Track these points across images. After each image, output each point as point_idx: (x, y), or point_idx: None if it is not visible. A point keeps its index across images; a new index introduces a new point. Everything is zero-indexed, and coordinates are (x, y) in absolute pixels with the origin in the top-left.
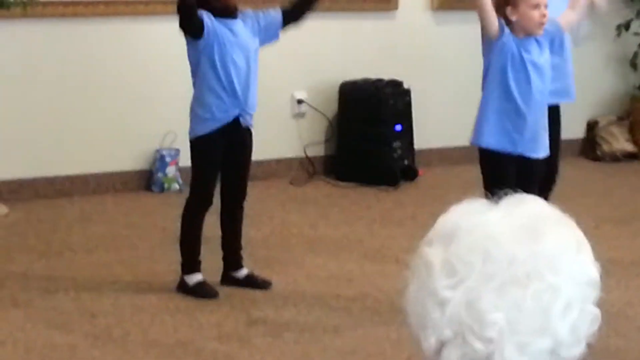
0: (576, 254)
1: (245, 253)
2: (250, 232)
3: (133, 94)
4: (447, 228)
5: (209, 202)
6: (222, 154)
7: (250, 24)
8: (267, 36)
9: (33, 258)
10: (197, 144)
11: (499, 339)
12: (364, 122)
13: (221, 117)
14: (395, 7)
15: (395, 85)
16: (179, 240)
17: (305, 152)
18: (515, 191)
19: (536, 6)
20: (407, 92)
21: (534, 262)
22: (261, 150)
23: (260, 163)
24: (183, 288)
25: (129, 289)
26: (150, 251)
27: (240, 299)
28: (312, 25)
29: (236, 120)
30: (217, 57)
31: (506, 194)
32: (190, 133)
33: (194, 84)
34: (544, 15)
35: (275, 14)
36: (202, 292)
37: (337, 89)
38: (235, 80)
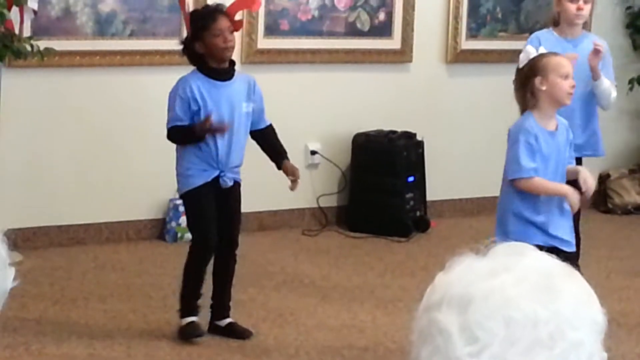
0: (589, 304)
1: (257, 302)
2: (262, 281)
3: (148, 144)
4: (457, 293)
5: (211, 251)
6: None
7: (246, 89)
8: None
9: (47, 305)
10: (188, 198)
11: None
12: (377, 173)
13: (202, 175)
14: (410, 60)
15: (409, 137)
16: (180, 288)
17: (318, 203)
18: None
19: (566, 77)
20: (420, 144)
21: (556, 321)
22: (274, 200)
23: (273, 213)
24: (179, 332)
25: (141, 338)
26: (163, 300)
27: (252, 349)
28: (327, 77)
29: (216, 180)
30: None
31: (492, 244)
32: (179, 190)
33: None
34: (573, 86)
35: (260, 115)
36: (189, 331)
37: (350, 140)
38: (213, 144)
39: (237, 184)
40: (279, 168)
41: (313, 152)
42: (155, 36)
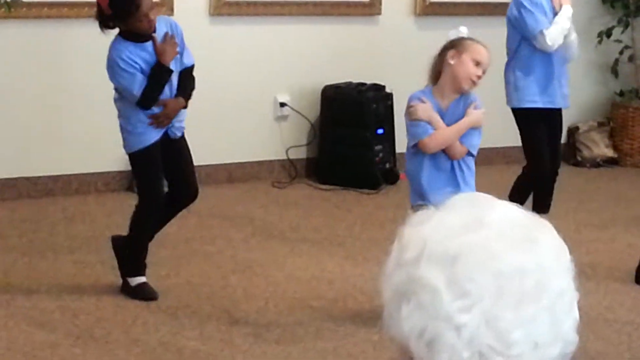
0: (564, 251)
1: (225, 255)
2: (230, 233)
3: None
4: (437, 249)
5: (159, 207)
6: (162, 157)
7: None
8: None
9: (15, 257)
10: (140, 156)
11: (522, 355)
12: (346, 125)
13: (153, 132)
14: (379, 12)
15: (378, 89)
16: (125, 243)
17: (287, 155)
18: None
19: (478, 64)
20: (389, 96)
21: (540, 271)
22: (243, 152)
23: (242, 165)
24: (126, 290)
25: (110, 289)
26: None
27: (221, 300)
28: (296, 29)
29: (165, 133)
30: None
31: (444, 198)
32: (125, 147)
33: (117, 98)
34: (479, 77)
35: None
36: (143, 293)
37: (319, 92)
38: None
39: (183, 134)
40: None
41: (282, 104)
42: None
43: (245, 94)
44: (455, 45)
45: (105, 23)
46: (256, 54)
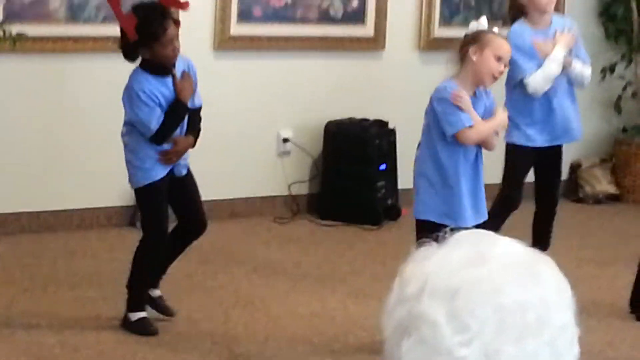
0: (566, 287)
1: (228, 290)
2: (233, 268)
3: (119, 130)
4: (439, 284)
5: (163, 243)
6: (169, 193)
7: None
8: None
9: (17, 292)
10: (146, 192)
11: None
12: (349, 161)
13: (160, 168)
14: (383, 47)
15: (381, 125)
16: (128, 278)
17: (289, 190)
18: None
19: (499, 59)
20: (392, 132)
21: (542, 306)
22: (246, 187)
23: (244, 200)
24: (126, 325)
25: (111, 324)
26: None
27: (222, 335)
28: (300, 64)
29: (171, 171)
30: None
31: (447, 234)
32: (131, 182)
33: (126, 132)
34: (501, 72)
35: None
36: (144, 328)
37: (322, 128)
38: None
39: (189, 170)
40: None
41: (285, 140)
42: None
43: (249, 129)
44: (476, 39)
45: (129, 51)
46: (260, 89)
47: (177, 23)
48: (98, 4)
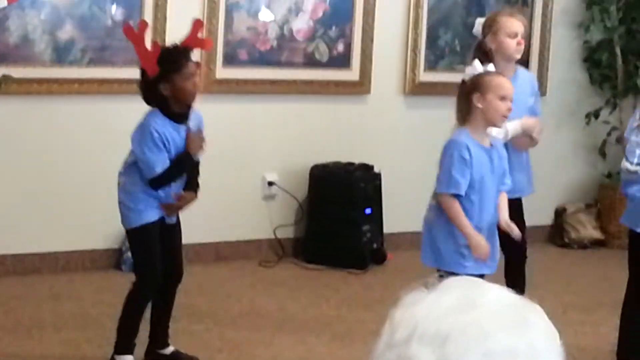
0: (554, 335)
1: (213, 334)
2: (218, 312)
3: (104, 173)
4: (429, 329)
5: (156, 285)
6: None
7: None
8: None
9: (1, 335)
10: (139, 233)
11: None
12: (334, 205)
13: (154, 211)
14: (368, 91)
15: (366, 169)
16: (119, 320)
17: (275, 234)
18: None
19: (503, 98)
20: (378, 176)
21: (532, 353)
22: (231, 230)
23: (230, 243)
24: None
25: None
26: None
27: None
28: (285, 107)
29: (162, 218)
30: None
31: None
32: (124, 223)
33: (124, 172)
34: (509, 109)
35: None
36: None
37: (307, 171)
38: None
39: (178, 218)
40: None
41: (270, 183)
42: (114, 64)
43: (234, 172)
44: (476, 86)
45: (148, 89)
46: (245, 133)
47: (197, 65)
48: (83, 47)
